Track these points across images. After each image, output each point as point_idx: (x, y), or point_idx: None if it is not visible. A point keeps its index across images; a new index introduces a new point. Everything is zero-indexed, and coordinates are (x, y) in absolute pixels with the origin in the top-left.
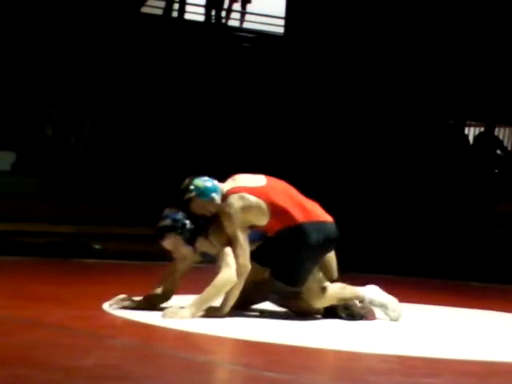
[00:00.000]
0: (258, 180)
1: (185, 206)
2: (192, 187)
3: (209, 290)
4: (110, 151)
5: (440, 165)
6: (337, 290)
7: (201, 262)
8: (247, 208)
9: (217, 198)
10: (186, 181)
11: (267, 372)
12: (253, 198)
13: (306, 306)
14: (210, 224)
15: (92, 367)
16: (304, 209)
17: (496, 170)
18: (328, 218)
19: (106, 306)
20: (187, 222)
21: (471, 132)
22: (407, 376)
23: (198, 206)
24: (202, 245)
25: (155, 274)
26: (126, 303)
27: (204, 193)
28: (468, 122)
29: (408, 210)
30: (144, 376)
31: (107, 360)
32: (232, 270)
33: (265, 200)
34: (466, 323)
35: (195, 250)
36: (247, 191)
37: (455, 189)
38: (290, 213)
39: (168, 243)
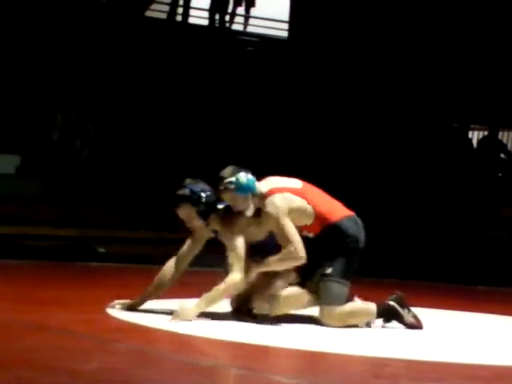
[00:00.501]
0: (295, 182)
1: (219, 192)
2: (234, 179)
3: (215, 291)
4: (114, 155)
5: (444, 168)
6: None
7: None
8: (291, 208)
9: (250, 199)
10: (230, 169)
11: (271, 375)
12: (296, 198)
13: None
14: (229, 215)
15: (95, 371)
16: (338, 206)
17: (500, 174)
18: (354, 213)
19: (109, 309)
20: (203, 195)
21: (475, 136)
22: (413, 380)
23: (231, 198)
24: (215, 223)
25: None
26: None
27: (243, 188)
28: (472, 126)
29: (412, 214)
30: (147, 380)
31: (111, 364)
32: (240, 276)
33: (308, 201)
34: (471, 327)
35: (207, 225)
36: (290, 191)
37: (459, 193)
38: (327, 212)
39: (182, 212)
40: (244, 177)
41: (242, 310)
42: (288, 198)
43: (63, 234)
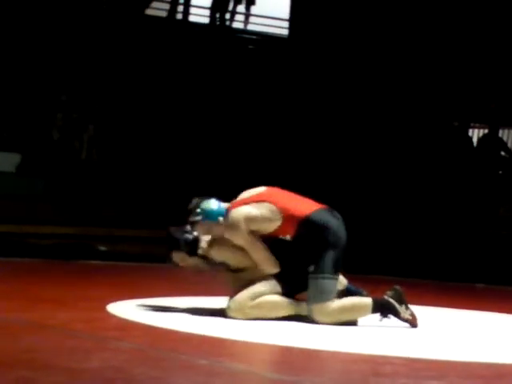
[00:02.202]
0: (259, 189)
1: (191, 227)
2: (199, 210)
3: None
4: (114, 154)
5: (444, 167)
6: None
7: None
8: (251, 218)
9: (222, 220)
10: (194, 202)
11: (271, 374)
12: (254, 205)
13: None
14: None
15: (96, 369)
16: (307, 203)
17: (500, 172)
18: (326, 206)
19: (110, 307)
20: (183, 237)
21: (475, 134)
22: (412, 378)
23: (204, 229)
24: (217, 254)
25: (160, 276)
26: None
27: (210, 215)
28: (472, 124)
29: (412, 212)
30: (148, 378)
31: (111, 362)
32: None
33: (274, 202)
34: (470, 325)
35: (205, 259)
36: (248, 200)
37: (459, 191)
38: (296, 209)
39: (175, 261)
40: (206, 204)
41: None
42: (243, 208)
43: (63, 232)
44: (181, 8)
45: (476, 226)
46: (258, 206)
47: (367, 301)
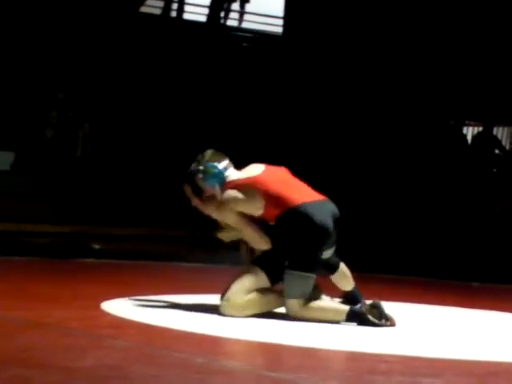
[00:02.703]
0: (256, 169)
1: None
2: (201, 168)
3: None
4: (109, 152)
5: (439, 164)
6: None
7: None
8: (236, 201)
9: (217, 189)
10: (206, 156)
11: (268, 372)
12: (245, 190)
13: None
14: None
15: (92, 367)
16: (301, 191)
17: (494, 170)
18: (325, 198)
19: (105, 305)
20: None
21: (470, 132)
22: (407, 376)
23: (200, 184)
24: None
25: (154, 274)
26: None
27: (208, 179)
28: (466, 122)
29: (407, 210)
30: (144, 376)
31: (107, 360)
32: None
33: (260, 189)
34: (467, 323)
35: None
36: (242, 181)
37: (454, 188)
38: (286, 196)
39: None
40: (210, 167)
41: None
42: (230, 193)
43: (58, 230)
44: (175, 6)
45: (471, 224)
46: (245, 192)
47: (344, 308)
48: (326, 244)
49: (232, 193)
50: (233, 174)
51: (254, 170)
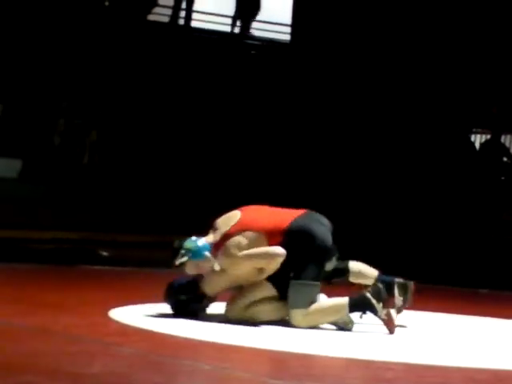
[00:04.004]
0: (234, 215)
1: (179, 267)
2: (183, 251)
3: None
4: (116, 159)
5: (447, 172)
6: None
7: None
8: (241, 247)
9: (209, 255)
10: (176, 244)
11: (273, 380)
12: (242, 235)
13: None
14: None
15: (98, 375)
16: (284, 213)
17: (503, 178)
18: (308, 210)
19: (112, 313)
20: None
21: (477, 139)
22: (413, 383)
23: (193, 268)
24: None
25: (161, 281)
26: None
27: (197, 253)
28: (474, 130)
29: (415, 217)
30: (149, 383)
31: (113, 367)
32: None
33: (254, 227)
34: (473, 330)
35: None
36: (233, 230)
37: (462, 196)
38: (276, 223)
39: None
40: (189, 243)
41: None
42: (231, 243)
43: (65, 237)
44: (183, 14)
45: (479, 232)
46: (243, 235)
47: (343, 301)
48: (327, 250)
49: (232, 242)
50: (209, 238)
51: (233, 217)
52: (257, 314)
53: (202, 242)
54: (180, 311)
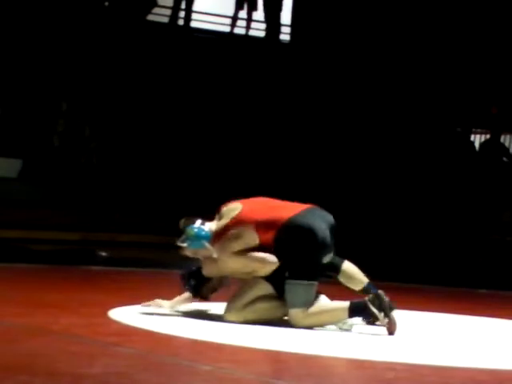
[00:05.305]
0: (235, 208)
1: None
2: (184, 237)
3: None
4: (115, 159)
5: (446, 172)
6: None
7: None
8: (235, 241)
9: (207, 245)
10: (180, 224)
11: (273, 380)
12: (236, 230)
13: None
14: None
15: (98, 375)
16: (286, 208)
17: (502, 177)
18: (313, 205)
19: (112, 313)
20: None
21: (477, 139)
22: None
23: (190, 252)
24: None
25: (161, 281)
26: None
27: (196, 242)
28: (474, 130)
29: (415, 217)
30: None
31: (114, 368)
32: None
33: (248, 223)
34: (473, 331)
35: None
36: (230, 224)
37: (462, 196)
38: (275, 218)
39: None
40: (191, 230)
41: None
42: (232, 234)
43: (65, 238)
44: (182, 14)
45: (479, 232)
46: (238, 232)
47: (344, 305)
48: (325, 249)
49: (225, 238)
50: (213, 225)
51: (234, 210)
52: (256, 312)
53: (206, 229)
54: (195, 295)
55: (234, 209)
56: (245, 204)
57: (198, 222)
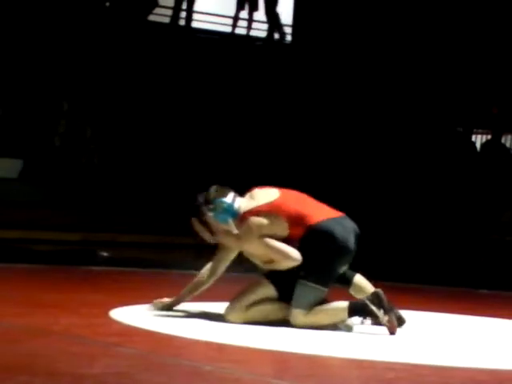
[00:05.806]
0: (272, 194)
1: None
2: (211, 206)
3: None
4: (116, 159)
5: (447, 172)
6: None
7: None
8: (262, 227)
9: (231, 222)
10: (211, 191)
11: (275, 380)
12: (268, 216)
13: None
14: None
15: (99, 375)
16: (320, 209)
17: (503, 178)
18: (343, 214)
19: (113, 313)
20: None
21: (478, 140)
22: None
23: (211, 222)
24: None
25: (162, 282)
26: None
27: (221, 216)
28: (475, 130)
29: (415, 217)
30: None
31: (114, 368)
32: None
33: (281, 212)
34: (474, 331)
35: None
36: (263, 208)
37: (462, 196)
38: (307, 215)
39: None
40: (222, 202)
41: None
42: (259, 217)
43: (66, 238)
44: (183, 14)
45: (479, 232)
46: (269, 217)
47: (343, 305)
48: (346, 259)
49: (255, 220)
50: (243, 203)
51: (270, 195)
52: (257, 313)
53: (236, 206)
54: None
55: (270, 194)
56: (282, 193)
57: (231, 197)
